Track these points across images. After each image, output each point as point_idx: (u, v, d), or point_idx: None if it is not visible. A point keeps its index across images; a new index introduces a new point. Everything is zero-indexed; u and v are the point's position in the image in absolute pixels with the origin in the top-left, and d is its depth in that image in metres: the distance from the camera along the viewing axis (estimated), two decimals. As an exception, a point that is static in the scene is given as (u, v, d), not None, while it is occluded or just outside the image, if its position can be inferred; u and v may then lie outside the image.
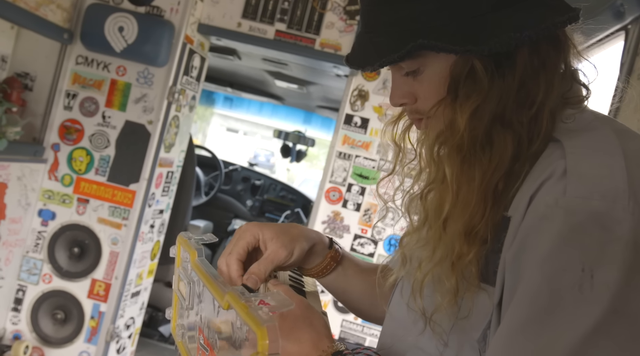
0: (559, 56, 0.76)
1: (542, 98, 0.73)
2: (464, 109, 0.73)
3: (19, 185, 2.60)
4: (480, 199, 0.73)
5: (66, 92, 2.74)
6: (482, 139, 0.73)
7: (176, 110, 2.83)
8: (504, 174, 0.73)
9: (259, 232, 0.94)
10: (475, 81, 0.73)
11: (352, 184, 2.90)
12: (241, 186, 5.31)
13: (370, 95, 2.87)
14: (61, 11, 2.59)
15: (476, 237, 0.73)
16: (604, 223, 0.60)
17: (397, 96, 0.82)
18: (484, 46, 0.71)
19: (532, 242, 0.65)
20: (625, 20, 1.70)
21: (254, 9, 2.80)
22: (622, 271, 0.58)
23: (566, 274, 0.60)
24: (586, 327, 0.58)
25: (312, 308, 0.82)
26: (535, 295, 0.62)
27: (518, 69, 0.73)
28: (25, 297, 2.75)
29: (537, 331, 0.60)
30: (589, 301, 0.58)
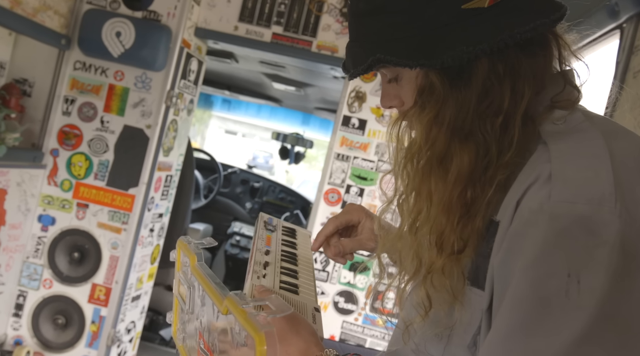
0: (538, 61, 0.75)
1: (508, 106, 0.72)
2: (422, 119, 0.75)
3: (18, 191, 2.61)
4: (443, 210, 0.73)
5: (64, 98, 2.75)
6: (440, 152, 0.73)
7: (174, 114, 2.83)
8: (468, 185, 0.72)
9: (364, 218, 1.11)
10: (432, 93, 0.75)
11: (350, 185, 2.91)
12: (240, 188, 5.31)
13: (368, 97, 2.88)
14: (58, 17, 2.60)
15: (446, 247, 0.73)
16: (589, 227, 0.60)
17: (385, 100, 0.87)
18: (437, 60, 0.71)
19: (518, 248, 0.65)
20: (620, 19, 1.72)
21: (251, 12, 2.81)
22: (608, 276, 0.58)
23: (552, 280, 0.60)
24: (574, 333, 0.57)
25: (299, 318, 0.82)
26: (522, 302, 0.62)
27: (477, 79, 0.72)
28: (26, 303, 2.76)
29: (525, 338, 0.60)
30: (576, 307, 0.58)
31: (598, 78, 1.83)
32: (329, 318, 2.89)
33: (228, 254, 4.72)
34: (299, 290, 0.97)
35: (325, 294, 2.90)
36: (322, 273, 2.88)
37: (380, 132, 2.88)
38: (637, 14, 1.64)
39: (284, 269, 1.02)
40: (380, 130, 2.88)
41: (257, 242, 1.08)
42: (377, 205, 2.89)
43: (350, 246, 1.10)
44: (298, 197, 5.24)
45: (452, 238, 0.73)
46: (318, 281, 2.88)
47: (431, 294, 0.75)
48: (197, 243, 0.94)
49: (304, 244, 1.18)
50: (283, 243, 1.14)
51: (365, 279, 2.91)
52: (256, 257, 1.02)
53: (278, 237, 1.16)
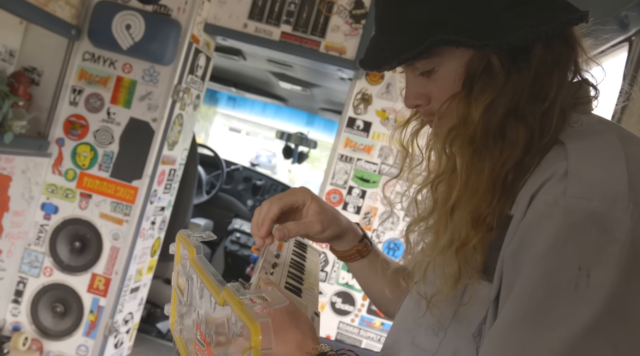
0: (570, 56, 0.78)
1: (554, 94, 0.75)
2: (479, 103, 0.75)
3: (23, 179, 2.62)
4: (489, 188, 0.75)
5: (72, 88, 2.76)
6: (494, 132, 0.75)
7: (180, 109, 2.85)
8: (514, 165, 0.75)
9: (309, 200, 1.03)
10: (491, 76, 0.75)
11: (352, 187, 2.92)
12: (242, 186, 5.33)
13: (374, 99, 2.89)
14: (69, 7, 2.62)
15: (483, 224, 0.75)
16: (602, 224, 0.61)
17: (411, 97, 0.85)
18: (502, 40, 0.73)
19: (531, 240, 0.66)
20: (629, 32, 1.72)
21: (260, 10, 2.82)
22: (618, 271, 0.59)
23: (563, 272, 0.61)
24: (581, 325, 0.58)
25: (299, 310, 0.84)
26: (532, 292, 0.63)
27: (533, 63, 0.75)
28: (26, 289, 2.77)
29: (532, 327, 0.61)
30: (585, 300, 0.59)
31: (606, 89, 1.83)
32: (326, 319, 2.90)
33: (228, 250, 4.74)
34: (302, 294, 0.98)
35: (323, 294, 2.91)
36: (320, 273, 2.89)
37: (384, 135, 2.89)
38: (645, 27, 1.65)
39: (290, 274, 1.03)
40: (384, 133, 2.89)
41: (270, 246, 1.09)
42: (378, 208, 2.90)
43: (295, 230, 1.00)
44: (300, 197, 5.24)
45: (490, 216, 0.75)
46: (316, 280, 2.89)
47: (462, 267, 0.76)
48: (197, 236, 0.95)
49: (313, 259, 1.19)
50: (293, 253, 1.15)
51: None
52: (267, 256, 1.03)
53: (290, 247, 1.17)
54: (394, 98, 2.88)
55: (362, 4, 2.78)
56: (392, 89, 2.88)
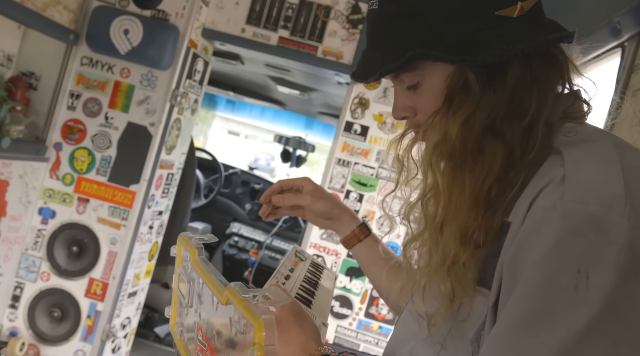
0: (555, 74, 0.80)
1: (534, 111, 0.76)
2: (456, 118, 0.78)
3: (20, 183, 2.63)
4: (473, 205, 0.76)
5: (70, 92, 2.77)
6: (472, 148, 0.77)
7: (178, 113, 2.86)
8: (495, 181, 0.76)
9: (307, 183, 1.20)
10: (467, 92, 0.77)
11: (350, 191, 2.93)
12: (240, 189, 5.33)
13: (371, 103, 2.90)
14: (68, 12, 2.63)
15: (470, 241, 0.76)
16: (600, 227, 0.63)
17: (398, 109, 0.88)
18: (478, 56, 0.75)
19: (530, 244, 0.67)
20: (621, 38, 1.73)
21: (258, 15, 2.84)
22: (616, 273, 0.60)
23: (562, 274, 0.62)
24: (580, 326, 0.59)
25: (304, 313, 0.85)
26: (532, 294, 0.64)
27: (509, 81, 0.77)
28: (23, 294, 2.78)
29: (532, 329, 0.62)
30: (584, 301, 0.60)
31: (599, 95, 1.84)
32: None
33: (226, 254, 4.74)
34: (312, 305, 1.00)
35: (321, 298, 2.91)
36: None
37: (381, 139, 2.90)
38: (638, 33, 1.66)
39: (302, 287, 1.05)
40: (382, 137, 2.90)
41: (285, 261, 1.13)
42: (375, 212, 2.91)
43: (288, 198, 1.18)
44: (297, 201, 5.25)
45: (477, 233, 0.76)
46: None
47: (455, 285, 0.78)
48: (198, 238, 0.97)
49: (327, 281, 1.21)
50: (308, 271, 1.18)
51: (361, 284, 2.93)
52: (280, 269, 1.06)
53: (305, 266, 1.20)
54: (390, 103, 2.88)
55: (359, 9, 2.79)
56: (389, 94, 2.89)
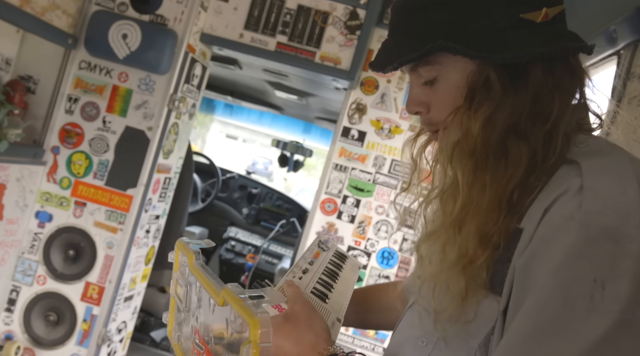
0: (574, 83, 0.81)
1: (556, 117, 0.77)
2: (478, 116, 0.78)
3: (17, 187, 2.63)
4: (494, 205, 0.77)
5: (68, 96, 2.78)
6: (495, 148, 0.78)
7: (176, 118, 2.86)
8: (518, 185, 0.77)
9: None
10: (489, 90, 0.78)
11: (347, 196, 2.93)
12: (238, 194, 5.33)
13: (368, 109, 2.91)
14: (66, 17, 2.63)
15: (490, 242, 0.77)
16: (616, 238, 0.63)
17: (412, 104, 0.88)
18: (499, 55, 0.76)
19: (546, 252, 0.68)
20: (617, 46, 1.74)
21: (256, 21, 2.84)
22: (632, 284, 0.61)
23: (579, 284, 0.63)
24: (595, 336, 0.60)
25: (315, 312, 0.87)
26: (546, 303, 0.64)
27: (531, 84, 0.77)
28: (19, 298, 2.77)
29: (546, 338, 0.62)
30: (599, 312, 0.60)
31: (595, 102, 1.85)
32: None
33: (223, 259, 4.73)
34: (328, 300, 0.99)
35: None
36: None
37: (379, 145, 2.91)
38: (634, 41, 1.67)
39: (321, 280, 1.04)
40: (379, 142, 2.91)
41: (305, 253, 1.12)
42: (372, 217, 2.91)
43: None
44: (295, 205, 5.26)
45: (496, 235, 0.76)
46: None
47: (469, 286, 0.78)
48: (196, 243, 0.97)
49: (350, 271, 1.19)
50: (330, 262, 1.16)
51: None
52: (299, 262, 1.05)
53: (327, 257, 1.18)
54: (388, 109, 2.90)
55: (357, 15, 2.80)
56: (387, 99, 2.89)
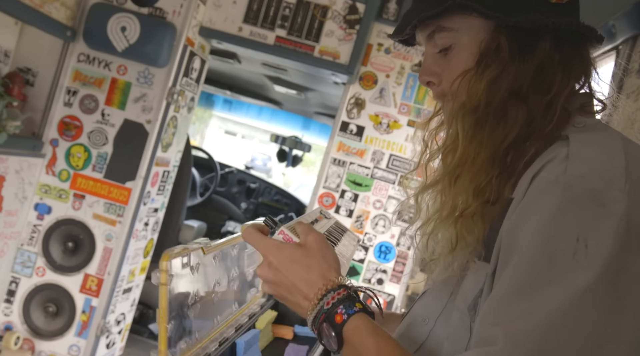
0: (579, 68, 0.84)
1: (557, 90, 0.80)
2: (484, 77, 0.82)
3: (16, 179, 2.63)
4: (489, 161, 0.80)
5: (67, 89, 2.78)
6: (496, 108, 0.81)
7: (175, 111, 2.87)
8: (512, 145, 0.80)
9: None
10: (497, 54, 0.82)
11: (345, 190, 2.94)
12: (236, 188, 5.34)
13: (367, 104, 2.92)
14: (65, 9, 2.63)
15: (482, 194, 0.80)
16: (600, 199, 0.66)
17: (425, 74, 0.91)
18: (512, 17, 0.80)
19: (531, 214, 0.70)
20: (616, 41, 1.75)
21: (256, 15, 2.85)
22: (615, 244, 0.63)
23: (562, 242, 0.65)
24: (577, 290, 0.62)
25: (327, 244, 0.89)
26: (531, 259, 0.67)
27: (538, 54, 0.81)
28: (18, 289, 2.78)
29: (530, 292, 0.64)
30: (582, 268, 0.62)
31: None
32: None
33: (221, 253, 4.73)
34: (337, 246, 1.03)
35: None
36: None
37: (377, 139, 2.92)
38: (633, 36, 1.68)
39: (326, 233, 1.08)
40: (377, 137, 2.91)
41: (310, 213, 1.15)
42: (370, 211, 2.92)
43: None
44: (293, 200, 5.27)
45: (489, 189, 0.80)
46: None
47: (459, 235, 0.81)
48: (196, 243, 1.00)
49: (349, 239, 1.23)
50: (332, 227, 1.20)
51: (355, 283, 2.93)
52: (304, 217, 1.08)
53: (329, 223, 1.22)
54: (387, 103, 2.91)
55: (356, 9, 2.80)
56: (386, 94, 2.90)
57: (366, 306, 0.80)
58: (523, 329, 0.62)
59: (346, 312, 0.77)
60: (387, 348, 0.74)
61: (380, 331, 0.76)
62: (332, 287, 0.80)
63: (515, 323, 0.63)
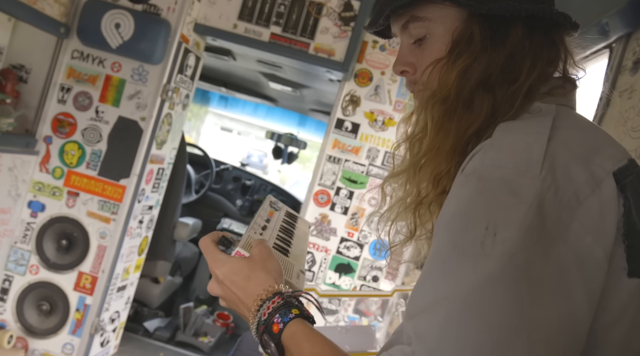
0: (550, 55, 0.84)
1: (524, 78, 0.80)
2: (455, 66, 0.82)
3: (9, 176, 2.62)
4: (451, 150, 0.81)
5: (60, 86, 2.76)
6: (465, 98, 0.81)
7: (169, 108, 2.86)
8: (475, 134, 0.80)
9: None
10: (470, 44, 0.82)
11: (340, 188, 2.94)
12: (232, 185, 5.33)
13: (362, 101, 2.91)
14: (59, 5, 2.62)
15: (440, 183, 0.81)
16: (511, 188, 0.65)
17: (400, 63, 0.91)
18: (484, 5, 0.80)
19: (447, 206, 0.71)
20: (609, 39, 1.75)
21: (250, 11, 2.84)
22: (522, 230, 0.62)
23: (471, 231, 0.64)
24: (482, 275, 0.60)
25: (271, 256, 0.88)
26: (441, 249, 0.67)
27: (509, 42, 0.81)
28: (12, 287, 2.77)
29: (439, 280, 0.64)
30: (489, 255, 0.61)
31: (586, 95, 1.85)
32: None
33: (216, 250, 4.72)
34: (289, 254, 1.02)
35: (310, 294, 2.92)
36: (307, 273, 2.91)
37: (372, 137, 2.91)
38: (626, 34, 1.68)
39: (279, 237, 1.08)
40: (372, 134, 2.91)
41: (260, 211, 1.14)
42: (365, 209, 2.92)
43: None
44: (288, 197, 5.27)
45: (446, 178, 0.81)
46: (303, 280, 2.90)
47: (417, 224, 0.83)
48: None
49: (302, 229, 1.24)
50: (283, 221, 1.20)
51: (350, 280, 2.94)
52: (257, 220, 1.08)
53: (280, 216, 1.22)
54: (382, 101, 2.90)
55: (351, 6, 2.80)
56: (381, 91, 2.90)
57: (303, 311, 0.78)
58: (425, 324, 0.62)
59: (282, 321, 0.76)
60: (322, 351, 0.73)
61: (316, 335, 0.75)
62: (267, 296, 0.80)
63: (419, 318, 0.63)
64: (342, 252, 2.93)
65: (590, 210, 0.64)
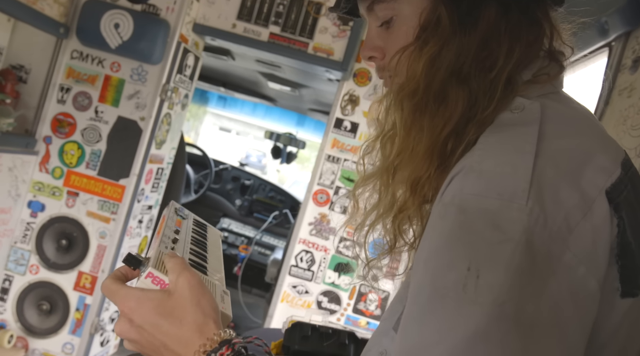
0: (532, 35, 0.76)
1: (502, 64, 0.73)
2: (423, 54, 0.74)
3: (9, 176, 2.62)
4: (428, 153, 0.72)
5: (60, 86, 2.77)
6: (437, 91, 0.73)
7: (168, 108, 2.86)
8: (453, 132, 0.71)
9: None
10: (437, 28, 0.74)
11: (339, 187, 2.94)
12: (231, 185, 5.33)
13: (361, 101, 2.91)
14: (58, 6, 2.62)
15: (421, 192, 0.73)
16: (495, 222, 0.58)
17: (368, 48, 0.84)
18: None
19: (424, 240, 0.64)
20: (609, 37, 1.75)
21: (249, 11, 2.84)
22: (509, 273, 0.55)
23: (451, 272, 0.57)
24: (468, 329, 0.54)
25: (203, 286, 0.73)
26: (420, 292, 0.60)
27: (481, 26, 0.73)
28: (12, 287, 2.77)
29: (419, 329, 0.58)
30: (472, 302, 0.55)
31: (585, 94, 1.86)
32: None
33: (215, 250, 4.72)
34: (207, 271, 0.91)
35: (310, 293, 2.93)
36: (306, 272, 2.91)
37: (371, 136, 2.91)
38: (625, 32, 1.68)
39: (193, 251, 0.96)
40: (371, 134, 2.91)
41: (168, 222, 0.99)
42: (364, 208, 2.92)
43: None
44: (288, 197, 5.27)
45: (427, 186, 0.73)
46: (302, 279, 2.91)
47: (396, 234, 0.75)
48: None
49: (214, 240, 1.12)
50: (193, 231, 1.07)
51: (349, 280, 2.94)
52: (165, 232, 0.94)
53: (189, 225, 1.09)
54: (381, 100, 2.90)
55: (350, 6, 2.80)
56: (380, 91, 2.89)
57: None
58: None
59: None
60: None
61: None
62: (213, 348, 0.67)
63: None
64: (342, 252, 2.94)
65: (583, 237, 0.58)
